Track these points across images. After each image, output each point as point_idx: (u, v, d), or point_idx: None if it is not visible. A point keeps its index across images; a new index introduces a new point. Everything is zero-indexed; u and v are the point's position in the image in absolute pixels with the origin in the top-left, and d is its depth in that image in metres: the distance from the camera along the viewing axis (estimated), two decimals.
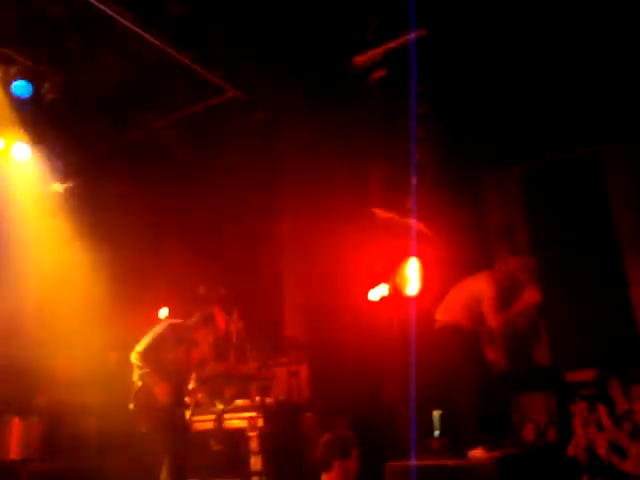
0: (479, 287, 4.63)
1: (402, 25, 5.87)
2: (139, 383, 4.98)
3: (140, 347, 4.99)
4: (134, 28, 6.14)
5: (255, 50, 6.66)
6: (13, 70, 6.83)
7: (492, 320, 4.52)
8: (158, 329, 5.10)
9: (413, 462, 4.23)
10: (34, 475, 6.87)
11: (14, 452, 6.91)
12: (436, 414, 6.52)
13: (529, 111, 7.16)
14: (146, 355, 4.96)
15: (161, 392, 4.85)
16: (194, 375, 5.26)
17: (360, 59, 6.10)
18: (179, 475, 4.96)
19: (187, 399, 5.26)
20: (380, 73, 6.19)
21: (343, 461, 3.60)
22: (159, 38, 6.38)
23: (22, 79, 6.93)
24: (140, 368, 4.95)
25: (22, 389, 7.33)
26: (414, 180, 5.28)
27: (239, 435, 5.58)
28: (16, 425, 6.94)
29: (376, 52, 6.14)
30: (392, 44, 6.02)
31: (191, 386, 5.25)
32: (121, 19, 6.00)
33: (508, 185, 7.98)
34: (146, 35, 6.30)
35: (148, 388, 4.90)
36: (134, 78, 7.64)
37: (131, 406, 5.00)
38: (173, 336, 5.10)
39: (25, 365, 7.26)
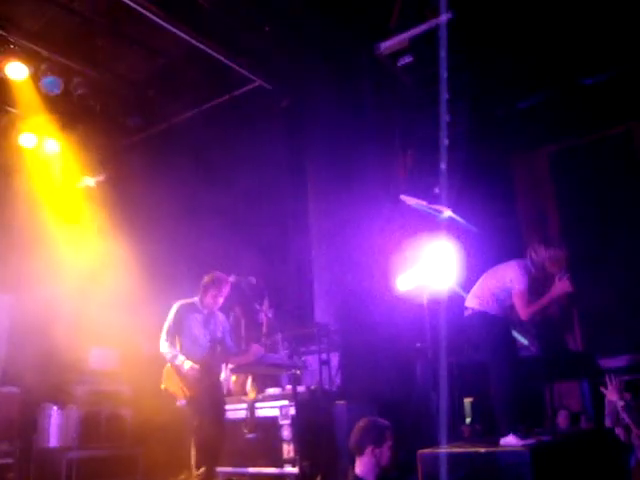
0: (509, 276, 4.57)
1: (427, 10, 5.80)
2: (168, 365, 5.06)
3: (162, 334, 5.08)
4: (162, 22, 6.19)
5: (279, 38, 6.65)
6: (43, 67, 6.94)
7: (522, 311, 4.47)
8: (170, 313, 5.16)
9: (445, 449, 4.23)
10: (73, 462, 7.05)
11: (54, 440, 7.10)
12: (467, 401, 6.49)
13: (557, 90, 7.03)
14: (169, 338, 5.05)
15: (191, 369, 4.90)
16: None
17: (386, 45, 6.04)
18: (212, 456, 5.02)
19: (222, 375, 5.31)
20: (406, 59, 6.12)
21: (376, 447, 3.61)
22: (186, 30, 6.43)
23: (52, 75, 7.03)
24: (167, 353, 5.02)
25: (60, 380, 7.51)
26: (443, 165, 5.22)
27: (271, 423, 5.64)
28: (55, 414, 7.11)
29: (402, 38, 6.07)
30: (418, 29, 5.95)
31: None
32: (150, 14, 6.05)
33: (537, 167, 7.84)
34: (173, 28, 6.35)
35: (178, 367, 4.96)
36: (161, 71, 7.72)
37: (163, 386, 5.08)
38: (186, 311, 5.16)
39: (62, 357, 7.43)
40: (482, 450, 4.09)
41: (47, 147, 8.05)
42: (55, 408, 7.17)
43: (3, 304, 8.03)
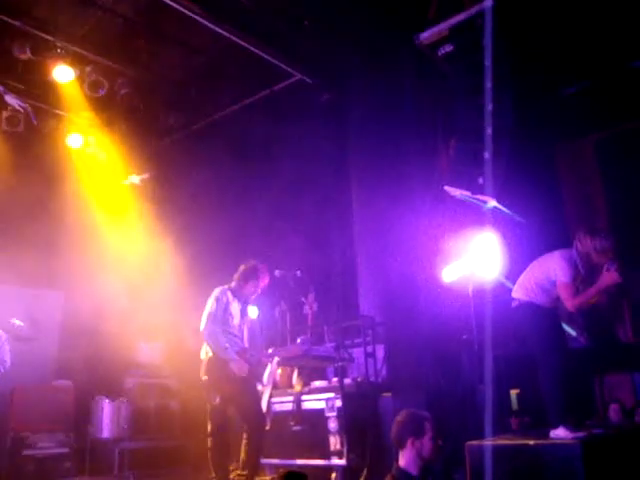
0: (553, 267, 4.48)
1: None
2: (209, 355, 4.98)
3: (206, 321, 4.96)
4: (201, 20, 6.26)
5: (318, 32, 6.65)
6: (88, 69, 7.11)
7: (568, 303, 4.37)
8: (213, 298, 5.06)
9: (493, 441, 4.19)
10: (125, 452, 7.26)
11: (106, 431, 7.31)
12: (513, 393, 6.41)
13: (603, 74, 6.83)
14: (217, 325, 4.93)
15: (236, 366, 4.84)
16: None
17: (425, 35, 5.98)
18: (260, 447, 5.03)
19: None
20: (447, 48, 6.04)
21: (416, 439, 3.59)
22: (225, 27, 6.49)
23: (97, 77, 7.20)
24: (215, 344, 4.92)
25: (111, 373, 7.73)
26: (487, 155, 5.15)
27: (317, 416, 5.68)
28: (107, 406, 7.32)
29: (441, 27, 6.00)
30: (457, 18, 5.86)
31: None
32: (189, 12, 6.13)
33: (583, 154, 7.65)
34: (213, 25, 6.42)
35: (220, 360, 4.88)
36: (201, 68, 7.82)
37: (204, 378, 5.01)
38: (229, 298, 5.06)
39: (112, 351, 7.64)
40: (531, 442, 4.04)
41: (93, 147, 8.27)
42: (107, 401, 7.38)
43: (55, 300, 8.31)
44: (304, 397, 5.85)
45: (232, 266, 5.46)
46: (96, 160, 8.40)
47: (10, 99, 7.28)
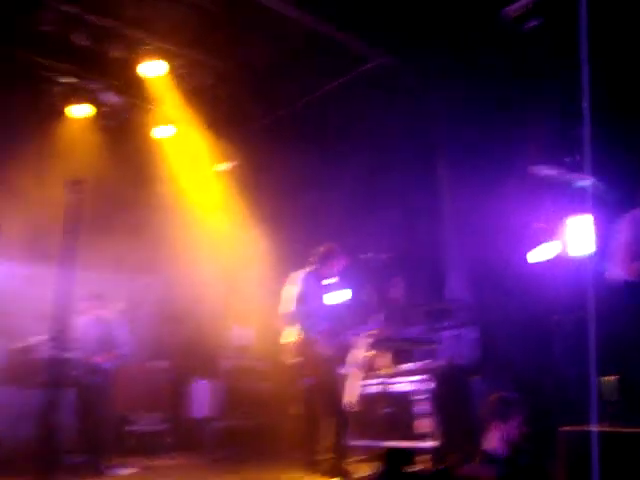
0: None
1: None
2: (296, 337, 5.08)
3: (291, 305, 5.05)
4: (280, 9, 6.32)
5: (399, 14, 6.57)
6: (176, 63, 7.37)
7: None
8: (299, 281, 5.14)
9: (591, 427, 4.07)
10: (220, 431, 7.55)
11: (201, 410, 7.63)
12: (609, 379, 6.18)
13: None
14: (302, 308, 5.04)
15: (321, 347, 4.95)
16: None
17: (511, 9, 5.79)
18: (343, 430, 5.13)
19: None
20: (532, 23, 5.83)
21: (501, 422, 3.55)
22: (304, 13, 6.52)
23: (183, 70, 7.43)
24: (302, 326, 5.02)
25: (206, 355, 8.04)
26: (578, 132, 4.95)
27: (406, 398, 5.70)
28: (201, 386, 7.64)
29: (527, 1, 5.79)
30: None
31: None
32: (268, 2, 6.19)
33: None
34: (292, 12, 6.47)
35: (310, 341, 5.00)
36: (282, 56, 7.90)
37: (295, 360, 5.14)
38: (313, 280, 5.17)
39: (208, 334, 7.94)
40: (637, 429, 3.89)
41: (183, 137, 8.57)
42: (202, 381, 7.70)
43: (155, 286, 8.72)
44: (393, 379, 5.89)
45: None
46: (186, 150, 8.70)
47: (104, 95, 7.66)
